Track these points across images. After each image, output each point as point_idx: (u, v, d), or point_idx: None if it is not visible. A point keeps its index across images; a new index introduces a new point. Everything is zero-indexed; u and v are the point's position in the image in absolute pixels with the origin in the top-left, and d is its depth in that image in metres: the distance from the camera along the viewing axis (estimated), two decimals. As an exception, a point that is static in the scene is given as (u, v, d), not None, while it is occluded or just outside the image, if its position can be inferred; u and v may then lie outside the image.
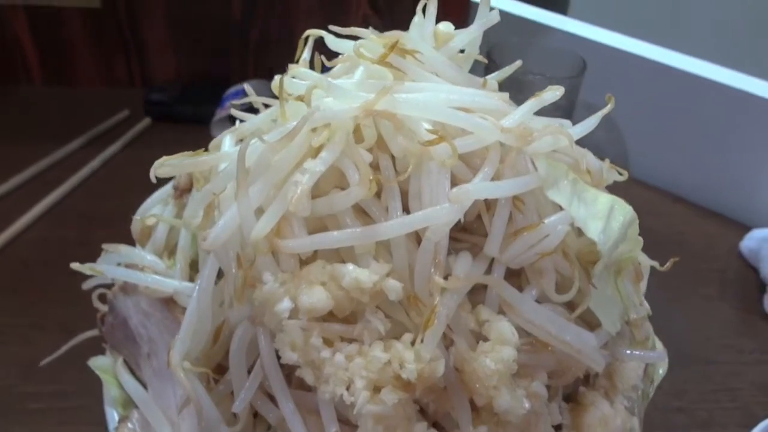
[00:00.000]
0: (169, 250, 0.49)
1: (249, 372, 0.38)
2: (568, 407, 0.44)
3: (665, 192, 1.02)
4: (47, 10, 1.12)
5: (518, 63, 0.48)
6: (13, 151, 1.02)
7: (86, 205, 0.95)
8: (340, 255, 0.37)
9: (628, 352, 0.46)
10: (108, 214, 0.73)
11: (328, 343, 0.35)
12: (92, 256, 0.49)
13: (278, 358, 0.37)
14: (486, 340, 0.37)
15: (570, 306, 0.41)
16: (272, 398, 0.38)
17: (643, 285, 0.49)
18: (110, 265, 0.46)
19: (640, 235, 0.43)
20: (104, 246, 0.49)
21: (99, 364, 0.49)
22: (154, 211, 0.51)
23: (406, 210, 0.37)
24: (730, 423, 0.70)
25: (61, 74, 1.19)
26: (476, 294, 0.40)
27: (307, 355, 0.35)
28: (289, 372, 0.38)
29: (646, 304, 0.48)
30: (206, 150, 0.42)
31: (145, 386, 0.47)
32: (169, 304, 0.45)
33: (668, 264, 0.53)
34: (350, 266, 0.35)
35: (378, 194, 0.38)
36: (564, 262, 0.40)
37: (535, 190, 0.40)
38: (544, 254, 0.38)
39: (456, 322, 0.37)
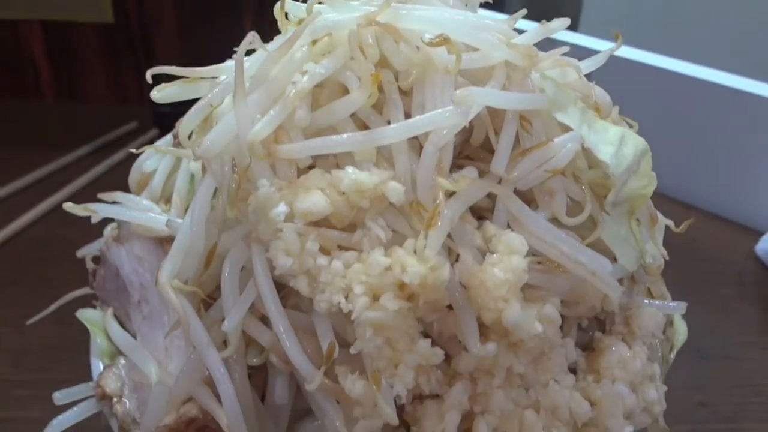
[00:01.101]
0: (166, 198, 0.47)
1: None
2: (584, 354, 0.41)
3: (675, 200, 1.00)
4: (62, 24, 1.15)
5: (523, 11, 0.47)
6: (22, 157, 1.02)
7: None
8: (339, 166, 0.35)
9: (647, 301, 0.43)
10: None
11: (325, 252, 0.33)
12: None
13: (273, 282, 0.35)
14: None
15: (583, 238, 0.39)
16: (265, 322, 0.36)
17: (660, 233, 0.47)
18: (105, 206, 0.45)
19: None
20: (100, 195, 0.47)
21: (87, 316, 0.47)
22: (151, 161, 0.50)
23: (409, 123, 0.35)
24: (755, 418, 0.66)
25: (73, 88, 1.21)
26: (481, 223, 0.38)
27: (303, 262, 0.33)
28: (283, 297, 0.36)
29: (664, 251, 0.46)
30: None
31: (134, 337, 0.44)
32: (164, 245, 0.43)
33: (683, 225, 0.51)
34: (350, 169, 0.33)
35: (380, 111, 0.37)
36: (575, 186, 0.38)
37: (543, 114, 0.39)
38: (554, 172, 0.37)
39: (461, 235, 0.35)
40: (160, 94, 0.39)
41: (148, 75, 0.38)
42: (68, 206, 0.45)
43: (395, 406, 0.34)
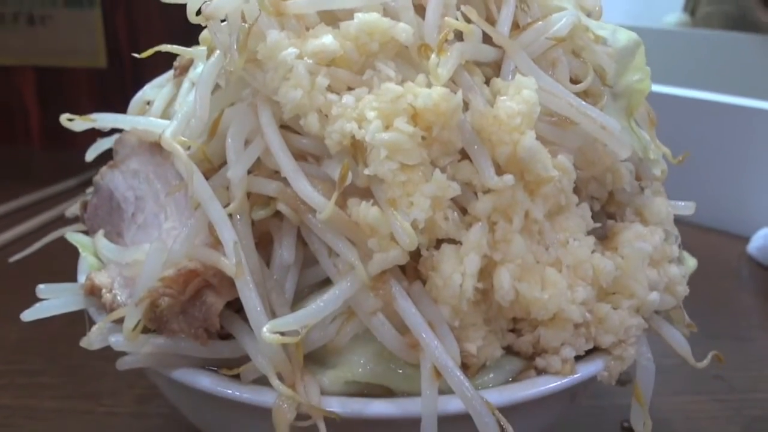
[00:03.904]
0: (165, 122, 0.47)
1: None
2: (600, 242, 0.39)
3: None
4: (55, 69, 1.17)
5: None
6: (11, 189, 1.01)
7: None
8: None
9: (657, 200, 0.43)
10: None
11: (334, 92, 0.33)
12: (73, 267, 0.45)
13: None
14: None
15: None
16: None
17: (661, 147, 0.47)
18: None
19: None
20: (93, 116, 0.46)
21: (77, 238, 0.45)
22: (150, 93, 0.50)
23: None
24: (774, 389, 0.63)
25: (62, 132, 1.21)
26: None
27: (313, 99, 0.32)
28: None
29: (667, 150, 0.45)
30: None
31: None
32: (162, 151, 0.42)
33: (680, 157, 0.52)
34: (358, 14, 0.34)
35: None
36: (576, 60, 0.39)
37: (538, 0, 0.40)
38: (556, 39, 0.37)
39: (470, 84, 0.35)
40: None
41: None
42: (65, 118, 0.44)
43: (409, 254, 0.32)
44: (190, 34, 0.51)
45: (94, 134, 1.34)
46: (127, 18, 1.17)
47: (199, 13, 0.38)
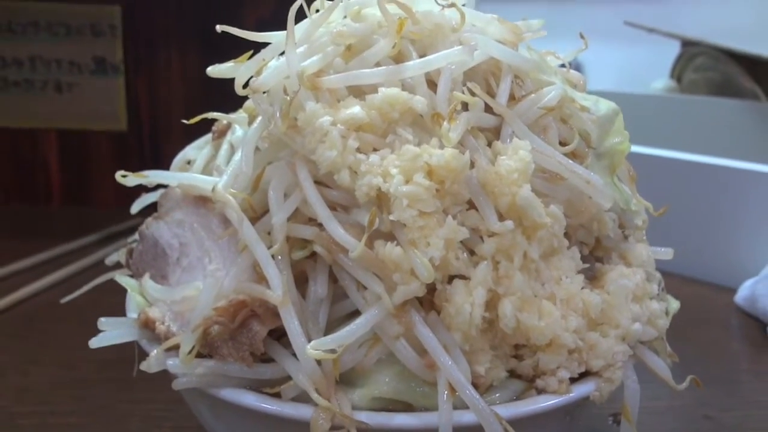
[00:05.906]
0: (205, 179, 0.53)
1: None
2: (588, 283, 0.45)
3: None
4: (76, 132, 1.25)
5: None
6: (33, 245, 1.06)
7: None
8: (370, 100, 0.42)
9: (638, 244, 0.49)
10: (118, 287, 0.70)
11: (362, 152, 0.39)
12: (101, 313, 0.48)
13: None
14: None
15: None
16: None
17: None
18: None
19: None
20: (144, 172, 0.52)
21: (125, 280, 0.50)
22: (191, 153, 0.56)
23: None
24: (760, 427, 0.67)
25: (81, 193, 1.28)
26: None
27: (345, 158, 0.39)
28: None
29: (648, 204, 0.51)
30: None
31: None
32: (206, 203, 0.48)
33: (661, 210, 0.58)
34: (381, 88, 0.41)
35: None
36: (564, 126, 0.46)
37: (531, 75, 0.47)
38: (547, 109, 0.44)
39: (474, 146, 0.41)
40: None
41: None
42: (120, 175, 0.50)
43: (426, 288, 0.38)
44: (207, 102, 0.57)
45: (111, 195, 1.41)
46: (149, 85, 1.26)
47: (245, 86, 0.45)
